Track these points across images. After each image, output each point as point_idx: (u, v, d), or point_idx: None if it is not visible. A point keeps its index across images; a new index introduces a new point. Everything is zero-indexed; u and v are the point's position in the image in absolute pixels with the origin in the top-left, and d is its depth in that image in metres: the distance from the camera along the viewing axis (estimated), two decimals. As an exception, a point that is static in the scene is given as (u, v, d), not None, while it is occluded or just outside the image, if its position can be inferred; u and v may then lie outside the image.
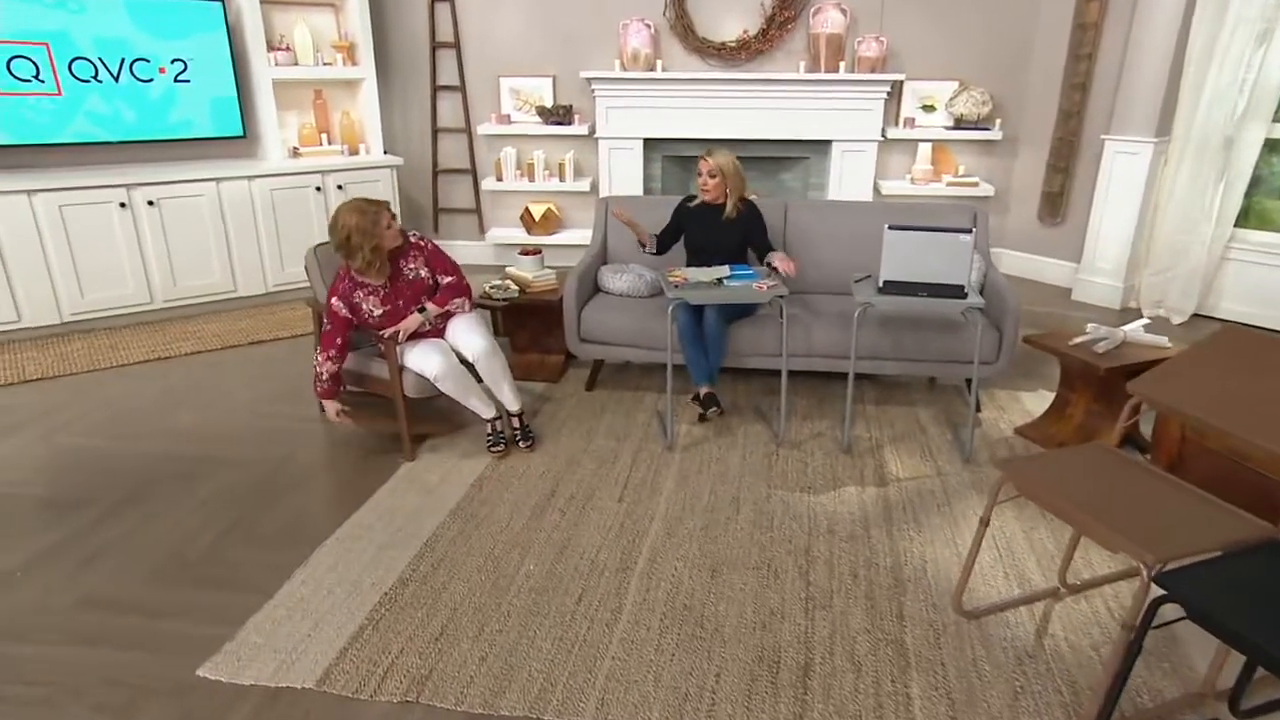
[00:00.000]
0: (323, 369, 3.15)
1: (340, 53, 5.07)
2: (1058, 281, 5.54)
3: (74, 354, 4.25)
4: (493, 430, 3.32)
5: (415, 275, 3.25)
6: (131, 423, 3.57)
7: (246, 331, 4.61)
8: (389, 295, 3.19)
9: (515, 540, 2.77)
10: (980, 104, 5.19)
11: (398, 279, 3.21)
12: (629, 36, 5.22)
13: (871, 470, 3.25)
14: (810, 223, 4.08)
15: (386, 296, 3.18)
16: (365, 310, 3.16)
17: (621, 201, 4.30)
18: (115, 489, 3.04)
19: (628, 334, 3.71)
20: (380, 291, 3.17)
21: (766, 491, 3.09)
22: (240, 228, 4.85)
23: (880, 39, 5.18)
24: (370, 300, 3.16)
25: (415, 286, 3.25)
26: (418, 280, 3.26)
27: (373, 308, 3.16)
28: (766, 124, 5.41)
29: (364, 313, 3.17)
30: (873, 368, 3.67)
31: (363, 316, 3.17)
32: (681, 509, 2.97)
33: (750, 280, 3.44)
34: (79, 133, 4.50)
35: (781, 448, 3.42)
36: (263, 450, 3.36)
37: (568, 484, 3.13)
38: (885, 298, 3.24)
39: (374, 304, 3.16)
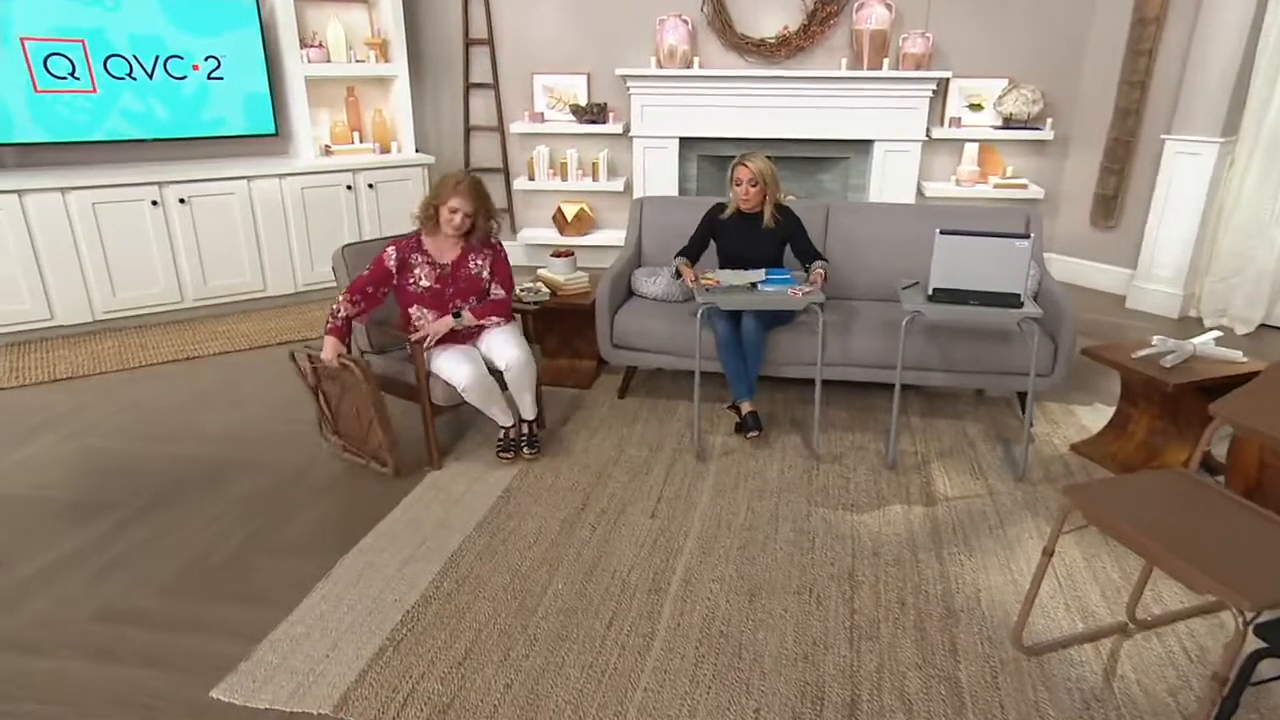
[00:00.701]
0: (340, 308, 3.03)
1: (373, 49, 5.00)
2: (1110, 289, 5.30)
3: (105, 353, 4.23)
4: (505, 437, 3.22)
5: (477, 272, 3.18)
6: (158, 424, 3.52)
7: (275, 332, 4.55)
8: (444, 276, 3.12)
9: (543, 557, 2.65)
10: (1031, 102, 4.97)
11: (460, 266, 3.15)
12: (665, 33, 5.09)
13: (918, 487, 3.09)
14: (853, 226, 3.92)
15: (441, 276, 3.11)
16: (414, 276, 3.08)
17: (658, 203, 4.17)
18: (139, 493, 2.98)
19: (662, 340, 3.58)
20: (438, 269, 3.10)
21: (807, 509, 2.94)
22: (271, 226, 4.81)
23: (926, 35, 4.99)
24: (424, 270, 3.09)
25: (471, 282, 3.17)
26: (476, 277, 3.18)
27: (422, 277, 3.09)
28: (806, 123, 5.25)
29: (411, 278, 3.09)
30: (918, 379, 3.50)
31: (406, 280, 3.09)
32: (717, 526, 2.83)
33: (786, 285, 3.30)
34: (112, 130, 4.48)
35: (821, 462, 3.27)
36: (288, 455, 3.29)
37: (599, 497, 3.01)
38: (935, 306, 3.07)
39: (426, 275, 3.09)
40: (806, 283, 3.34)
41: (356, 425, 3.15)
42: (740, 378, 3.42)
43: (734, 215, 3.58)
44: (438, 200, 3.04)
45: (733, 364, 3.41)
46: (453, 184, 3.02)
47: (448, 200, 3.01)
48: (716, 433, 3.51)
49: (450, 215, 3.03)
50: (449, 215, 3.03)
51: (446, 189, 3.02)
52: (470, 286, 3.17)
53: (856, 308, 3.76)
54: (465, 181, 3.04)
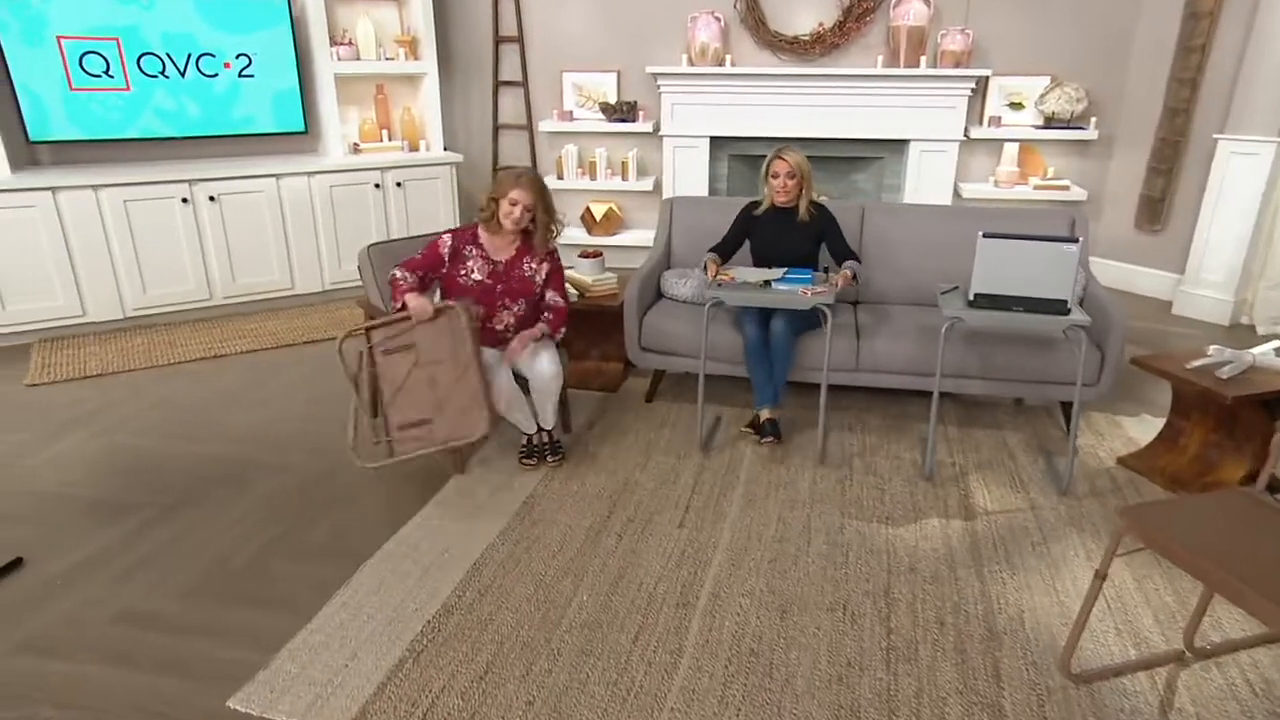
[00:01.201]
0: (404, 274, 2.94)
1: (402, 47, 4.98)
2: (1155, 294, 5.12)
3: (134, 350, 4.24)
4: (528, 443, 3.15)
5: (530, 275, 3.13)
6: (185, 422, 3.51)
7: (302, 330, 4.54)
8: (496, 273, 3.07)
9: (568, 566, 2.58)
10: (1074, 101, 4.81)
11: (514, 266, 3.10)
12: (697, 30, 5.01)
13: (956, 500, 2.98)
14: (889, 227, 3.81)
15: (494, 272, 3.07)
16: (466, 268, 3.04)
17: (688, 203, 4.09)
18: (164, 492, 2.97)
19: (691, 343, 3.49)
20: (491, 265, 3.06)
21: (840, 521, 2.84)
22: (299, 225, 4.80)
23: (966, 31, 4.85)
24: (478, 264, 3.05)
25: (524, 284, 3.12)
26: (530, 280, 3.13)
27: (474, 270, 3.04)
28: (841, 122, 5.13)
29: (463, 269, 3.04)
30: (956, 387, 3.38)
31: (457, 271, 3.04)
32: (747, 538, 2.74)
33: (800, 285, 3.21)
34: (145, 128, 4.49)
35: (855, 473, 3.17)
36: (312, 456, 3.25)
37: (625, 505, 2.94)
38: (976, 312, 2.96)
39: (478, 268, 3.05)
40: (824, 284, 3.24)
41: (430, 395, 2.89)
42: (765, 385, 3.35)
43: (768, 211, 3.51)
44: (497, 194, 3.00)
45: (759, 370, 3.33)
46: (513, 177, 2.99)
47: (508, 193, 2.96)
48: (745, 440, 3.41)
49: (510, 208, 2.97)
50: (508, 208, 2.97)
51: (507, 182, 2.98)
52: (522, 288, 3.11)
53: (892, 312, 3.65)
54: (526, 175, 3.01)
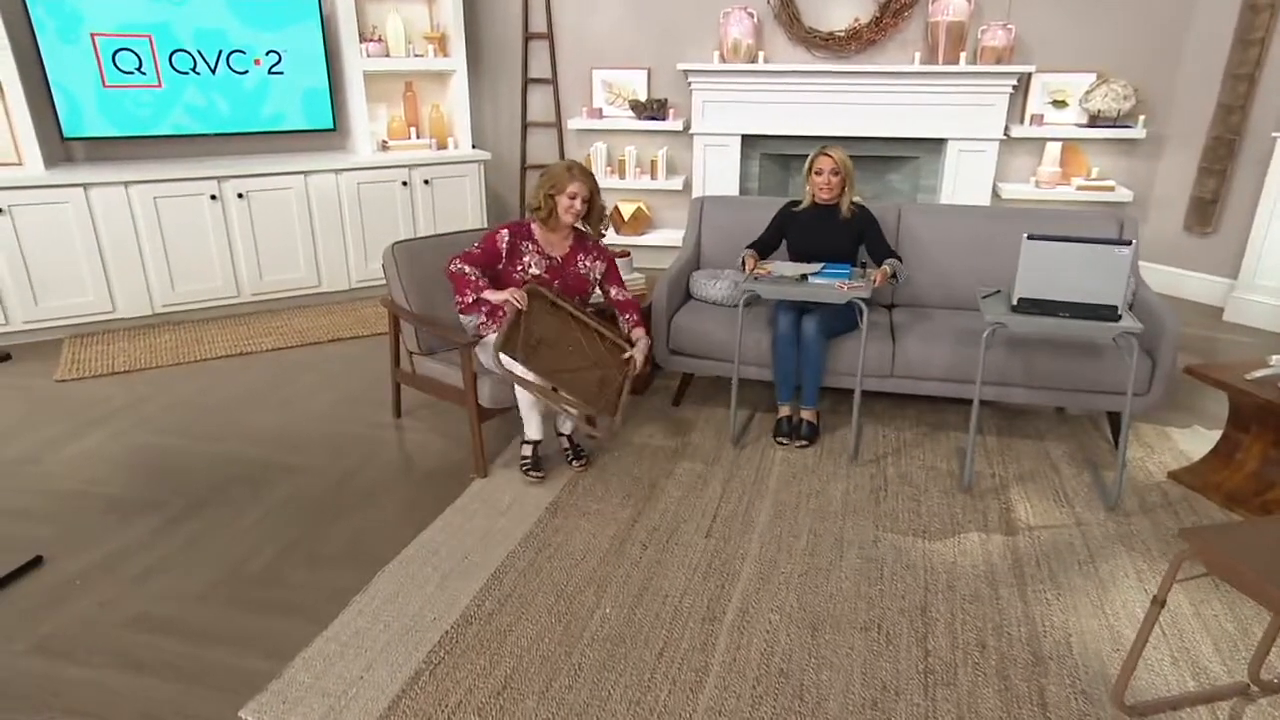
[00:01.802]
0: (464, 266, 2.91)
1: (432, 44, 4.94)
2: (1206, 299, 4.91)
3: (161, 346, 4.24)
4: (533, 454, 3.05)
5: (587, 271, 3.12)
6: (208, 421, 3.49)
7: (328, 328, 4.52)
8: (554, 268, 3.05)
9: (591, 576, 2.50)
10: (1122, 98, 4.63)
11: (570, 263, 3.08)
12: (730, 26, 4.90)
13: (996, 514, 2.85)
14: (926, 228, 3.68)
15: (552, 268, 3.04)
16: (522, 264, 3.00)
17: (719, 202, 4.00)
18: (184, 492, 2.94)
19: (722, 346, 3.40)
20: (548, 260, 3.03)
21: (874, 534, 2.73)
22: (326, 222, 4.77)
23: (1008, 26, 4.69)
24: (534, 259, 3.02)
25: (579, 281, 3.10)
26: (585, 277, 3.11)
27: (531, 265, 3.01)
28: (876, 121, 4.99)
29: (520, 265, 3.01)
30: (997, 394, 3.25)
31: (515, 267, 3.01)
32: (777, 550, 2.64)
33: (837, 280, 3.14)
34: (176, 125, 4.50)
35: (889, 483, 3.05)
36: (333, 457, 3.21)
37: (650, 513, 2.85)
38: (1020, 317, 2.83)
39: (535, 263, 3.02)
40: (862, 279, 3.15)
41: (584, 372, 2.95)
42: (788, 380, 3.29)
43: (809, 208, 3.43)
44: (556, 189, 2.94)
45: (783, 363, 3.26)
46: (566, 170, 2.95)
47: (567, 187, 2.93)
48: (776, 446, 3.31)
49: (570, 202, 2.95)
50: (569, 203, 2.94)
51: (563, 177, 2.94)
52: (578, 285, 3.09)
53: (929, 316, 3.53)
54: (576, 166, 2.98)
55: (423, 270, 3.26)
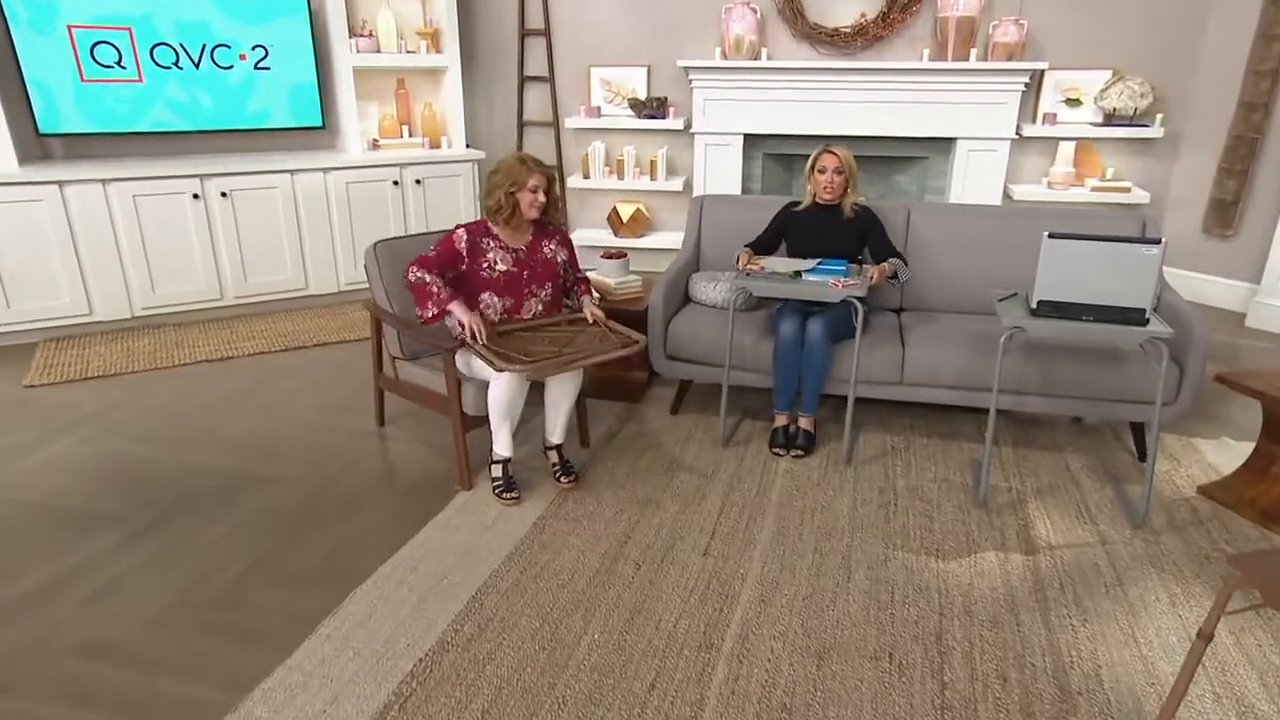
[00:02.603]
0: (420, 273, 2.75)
1: (424, 40, 4.78)
2: (1226, 304, 4.73)
3: (139, 351, 4.07)
4: (504, 474, 2.85)
5: (553, 256, 2.98)
6: (181, 428, 3.32)
7: (313, 332, 4.35)
8: (521, 260, 2.90)
9: (579, 599, 2.32)
10: (1138, 96, 4.45)
11: (536, 251, 2.94)
12: (732, 22, 4.74)
13: (1014, 532, 2.66)
14: (937, 229, 3.51)
15: (519, 260, 2.90)
16: (487, 261, 2.85)
17: (720, 201, 3.83)
18: (149, 505, 2.76)
19: (722, 351, 3.23)
20: (514, 253, 2.89)
21: (884, 553, 2.55)
22: (314, 222, 4.61)
23: (1020, 22, 4.52)
24: (499, 255, 2.86)
25: (548, 266, 2.97)
26: (552, 261, 2.98)
27: (497, 261, 2.86)
28: (883, 120, 4.83)
29: (484, 262, 2.85)
30: (1012, 403, 3.07)
31: (479, 265, 2.85)
32: (779, 569, 2.46)
33: (832, 276, 3.01)
34: (157, 121, 4.34)
35: (899, 496, 2.87)
36: (311, 467, 3.04)
37: (645, 529, 2.67)
38: (1040, 321, 2.65)
39: (501, 259, 2.86)
40: (858, 276, 3.00)
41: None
42: (788, 388, 3.14)
43: (810, 209, 3.31)
44: (516, 186, 2.79)
45: (785, 370, 3.12)
46: (520, 164, 2.81)
47: (527, 182, 2.79)
48: (778, 457, 3.13)
49: (533, 197, 2.81)
50: (531, 198, 2.81)
51: (520, 172, 2.79)
52: (547, 271, 2.96)
53: (940, 320, 3.35)
54: (529, 158, 2.85)
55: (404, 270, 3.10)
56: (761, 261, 3.18)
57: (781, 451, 3.13)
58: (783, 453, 3.13)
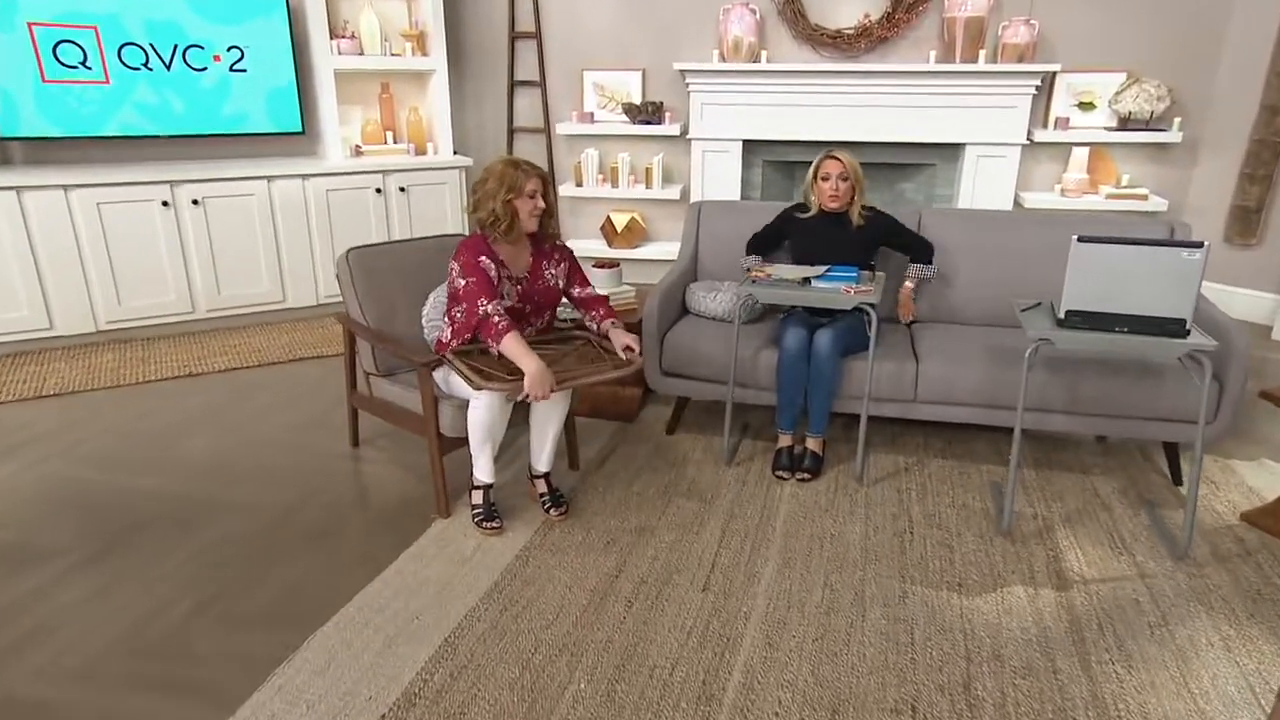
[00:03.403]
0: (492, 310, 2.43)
1: (410, 42, 4.58)
2: (1250, 316, 4.51)
3: (102, 367, 3.83)
4: (484, 501, 2.60)
5: (554, 282, 2.69)
6: (139, 450, 3.08)
7: (290, 347, 4.11)
8: (525, 292, 2.61)
9: (564, 642, 2.08)
10: (1155, 99, 4.26)
11: (537, 277, 2.64)
12: (730, 23, 4.55)
13: (1043, 563, 2.43)
14: (950, 236, 3.31)
15: (524, 292, 2.61)
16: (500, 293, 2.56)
17: (719, 208, 3.61)
18: (92, 536, 2.52)
19: (722, 367, 3.01)
20: (518, 284, 2.60)
21: (901, 587, 2.31)
22: (292, 232, 4.39)
23: (1030, 22, 4.34)
24: (506, 285, 2.56)
25: (549, 295, 2.68)
26: (554, 288, 2.69)
27: (504, 294, 2.55)
28: (887, 125, 4.63)
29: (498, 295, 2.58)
30: (1036, 421, 2.84)
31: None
32: (787, 607, 2.22)
33: (843, 283, 2.82)
34: (125, 125, 4.12)
35: (915, 524, 2.63)
36: (277, 491, 2.80)
37: (638, 561, 2.43)
38: (1070, 333, 2.42)
39: (507, 291, 2.56)
40: (870, 282, 2.84)
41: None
42: (792, 405, 2.92)
43: (816, 217, 3.13)
44: (514, 193, 2.48)
45: (790, 386, 2.91)
46: (514, 168, 2.49)
47: (525, 186, 2.48)
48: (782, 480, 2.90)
49: (533, 202, 2.51)
50: (531, 204, 2.50)
51: (518, 176, 2.48)
52: (547, 299, 2.68)
53: (955, 332, 3.14)
54: (522, 161, 2.54)
55: (381, 280, 2.88)
56: (768, 268, 2.98)
57: (786, 475, 2.90)
58: (787, 476, 2.90)
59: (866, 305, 2.74)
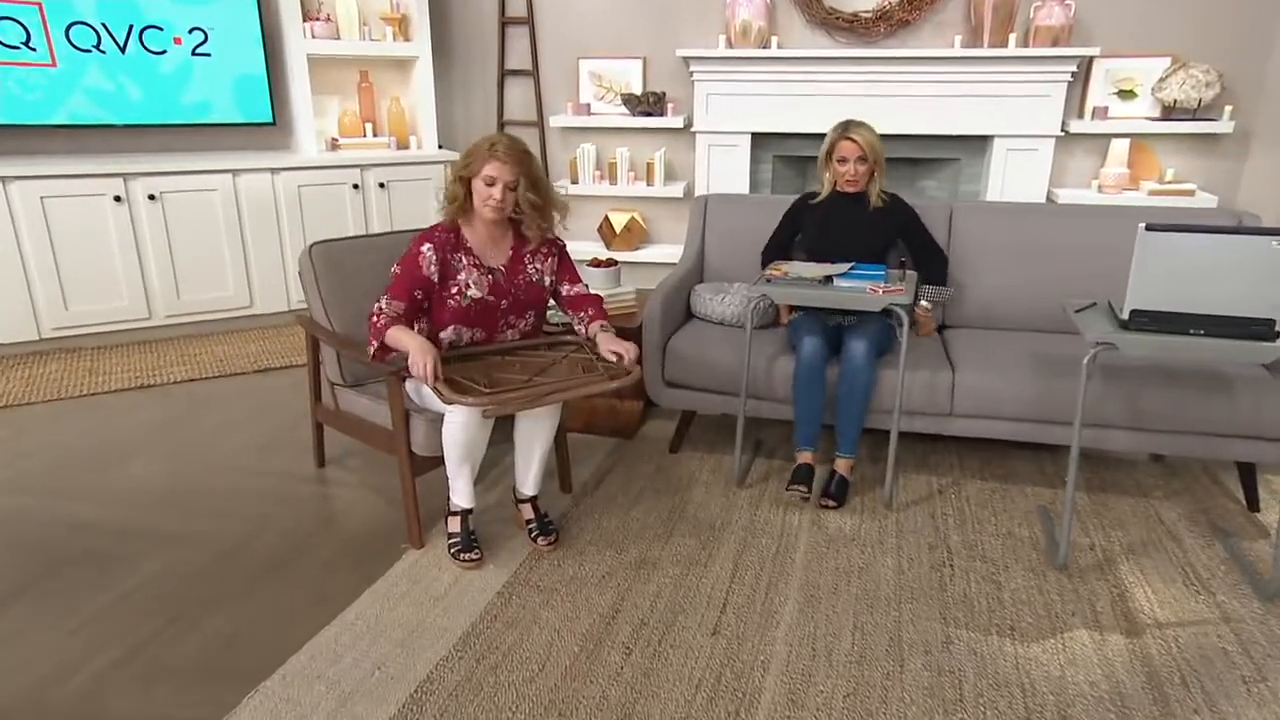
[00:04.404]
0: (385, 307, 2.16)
1: (390, 26, 4.26)
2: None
3: (44, 379, 3.48)
4: (462, 528, 2.26)
5: (538, 278, 2.33)
6: (75, 472, 2.73)
7: (255, 357, 3.77)
8: (497, 284, 2.26)
9: (550, 698, 1.74)
10: (1203, 85, 3.93)
11: (516, 271, 2.29)
12: (738, 6, 4.23)
13: (1108, 603, 2.09)
14: (985, 233, 3.00)
15: (495, 285, 2.25)
16: (458, 285, 2.21)
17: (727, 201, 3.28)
18: (5, 575, 2.17)
19: (732, 377, 2.67)
20: (490, 275, 2.25)
21: (944, 631, 1.97)
22: (261, 231, 4.05)
23: (1066, 3, 4.01)
24: (472, 275, 2.22)
25: (531, 292, 2.33)
26: (538, 285, 2.34)
27: (470, 284, 2.21)
28: (909, 116, 4.29)
29: (453, 287, 2.21)
30: (1093, 439, 2.51)
31: (446, 292, 2.22)
32: (811, 655, 1.88)
33: (871, 283, 2.50)
34: (75, 113, 3.77)
35: (955, 556, 2.29)
36: (226, 520, 2.45)
37: (637, 600, 2.09)
38: (1137, 336, 2.09)
39: (475, 281, 2.22)
40: (901, 281, 2.52)
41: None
42: (813, 419, 2.56)
43: (830, 199, 2.85)
44: (468, 172, 2.15)
45: (809, 399, 2.56)
46: (487, 146, 2.13)
47: (481, 169, 2.12)
48: (800, 505, 2.55)
49: (487, 190, 2.14)
50: (484, 190, 2.14)
51: (478, 155, 2.13)
52: (530, 295, 2.32)
53: (992, 339, 2.80)
54: (503, 142, 2.15)
55: (347, 278, 2.55)
56: (784, 266, 2.66)
57: (803, 489, 2.51)
58: (804, 490, 2.51)
59: (897, 306, 2.42)
